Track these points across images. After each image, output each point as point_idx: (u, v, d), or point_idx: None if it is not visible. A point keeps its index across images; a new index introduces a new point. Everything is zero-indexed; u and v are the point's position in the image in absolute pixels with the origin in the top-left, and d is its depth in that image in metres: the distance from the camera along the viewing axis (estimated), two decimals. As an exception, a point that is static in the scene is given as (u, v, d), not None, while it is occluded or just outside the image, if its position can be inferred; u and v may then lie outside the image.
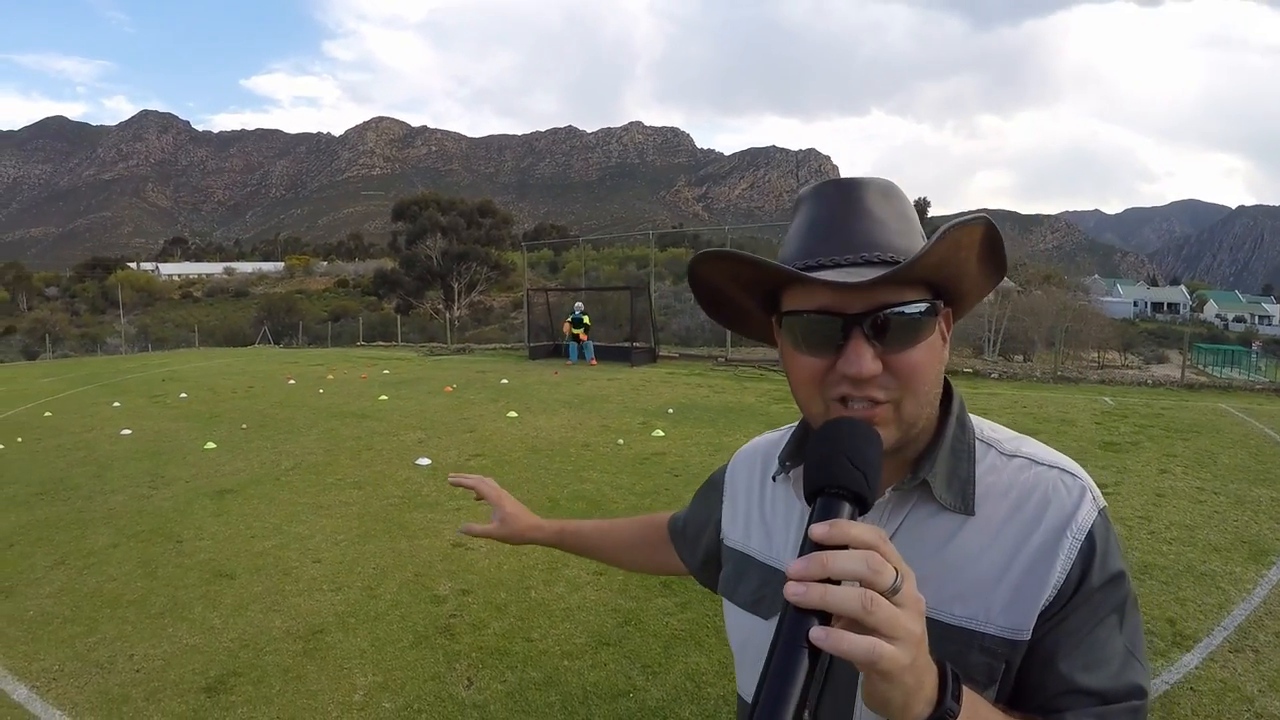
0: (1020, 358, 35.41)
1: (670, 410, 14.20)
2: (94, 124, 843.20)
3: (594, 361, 24.16)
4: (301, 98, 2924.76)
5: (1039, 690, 1.00)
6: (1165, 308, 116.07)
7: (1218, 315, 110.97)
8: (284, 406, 16.24)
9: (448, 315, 51.11)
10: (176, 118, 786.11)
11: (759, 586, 1.21)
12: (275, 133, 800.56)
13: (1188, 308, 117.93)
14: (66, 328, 72.35)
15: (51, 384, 24.12)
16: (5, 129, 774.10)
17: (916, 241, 1.02)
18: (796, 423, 1.24)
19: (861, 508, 0.84)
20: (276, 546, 7.02)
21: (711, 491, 1.46)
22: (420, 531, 7.35)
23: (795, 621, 0.75)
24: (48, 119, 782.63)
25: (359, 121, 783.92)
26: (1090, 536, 1.01)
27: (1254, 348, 47.33)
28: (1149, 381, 18.99)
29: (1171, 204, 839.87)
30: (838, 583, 0.74)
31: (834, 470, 0.85)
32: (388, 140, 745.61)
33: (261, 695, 4.42)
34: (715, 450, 10.59)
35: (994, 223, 0.99)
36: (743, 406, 14.79)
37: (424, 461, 10.21)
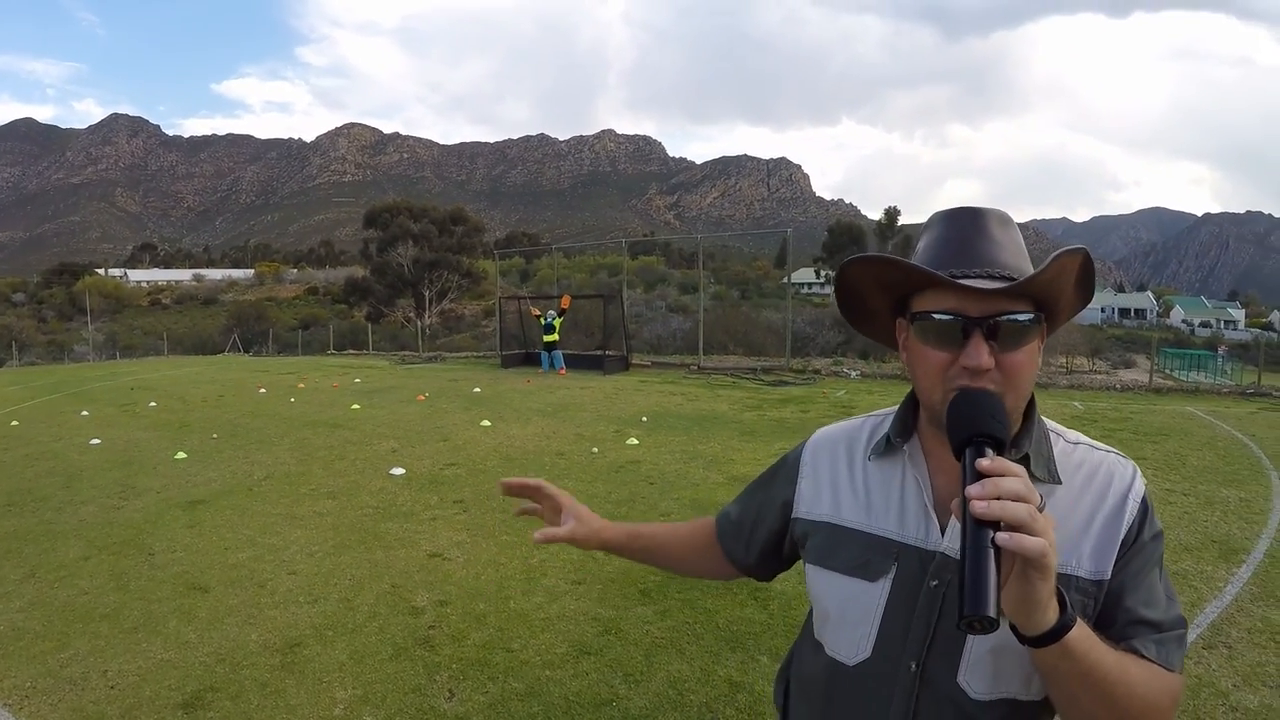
0: (991, 364, 35.64)
1: (644, 418, 14.21)
2: (63, 127, 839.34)
3: (563, 371, 24.09)
4: (273, 103, 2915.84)
5: (1111, 623, 1.22)
6: (1133, 313, 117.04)
7: (1184, 320, 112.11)
8: (255, 416, 16.11)
9: (419, 323, 50.99)
10: (147, 121, 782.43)
11: (862, 552, 1.38)
12: (246, 138, 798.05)
13: (1154, 313, 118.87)
14: (33, 334, 71.71)
15: (18, 392, 23.87)
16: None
17: (1026, 263, 1.26)
18: (875, 413, 1.54)
19: (999, 452, 1.07)
20: (251, 558, 6.94)
21: (781, 475, 1.61)
22: (396, 542, 7.28)
23: (978, 531, 0.97)
24: (16, 121, 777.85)
25: (331, 127, 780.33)
26: (1144, 501, 1.29)
27: (1220, 352, 47.88)
28: (1117, 386, 19.22)
29: (1138, 212, 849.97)
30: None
31: (981, 423, 1.10)
32: (359, 147, 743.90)
33: (240, 710, 4.36)
34: (690, 458, 10.60)
35: (1090, 253, 1.23)
36: (716, 414, 14.81)
37: (398, 471, 10.14)
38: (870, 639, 1.33)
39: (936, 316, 1.22)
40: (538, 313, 25.51)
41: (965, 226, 1.28)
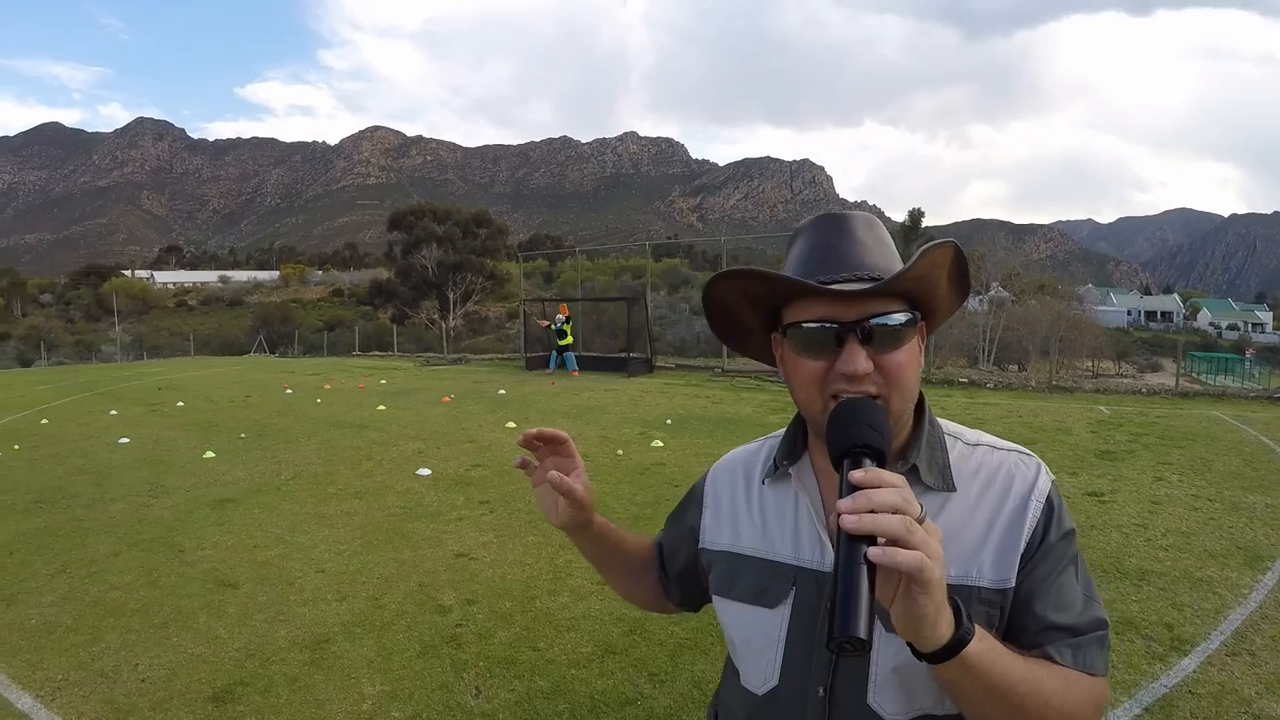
0: (1015, 367, 35.38)
1: (668, 421, 14.19)
2: (89, 131, 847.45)
3: (575, 372, 23.98)
4: (297, 106, 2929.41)
5: (1022, 631, 1.20)
6: (1159, 316, 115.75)
7: (1211, 323, 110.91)
8: (282, 416, 16.23)
9: (443, 325, 51.10)
10: (172, 125, 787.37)
11: (760, 579, 1.35)
12: (271, 141, 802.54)
13: (1181, 316, 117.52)
14: (61, 335, 72.41)
15: (47, 391, 24.09)
16: (1, 135, 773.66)
17: (895, 263, 1.24)
18: (774, 434, 1.49)
19: (879, 462, 1.03)
20: (279, 556, 7.01)
21: (690, 506, 1.61)
22: (423, 542, 7.34)
23: (850, 547, 0.92)
24: (43, 125, 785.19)
25: (354, 131, 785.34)
26: (1049, 500, 1.25)
27: (1247, 355, 47.49)
28: (1143, 390, 19.02)
29: (1164, 213, 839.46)
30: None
31: (858, 433, 1.05)
32: (383, 150, 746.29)
33: (270, 705, 4.41)
34: (714, 460, 10.55)
35: (961, 247, 1.23)
36: (740, 417, 14.78)
37: (424, 472, 10.19)
38: (776, 666, 1.31)
39: (808, 325, 1.19)
40: (546, 322, 25.56)
41: (830, 232, 1.26)
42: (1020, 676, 1.07)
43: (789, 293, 1.24)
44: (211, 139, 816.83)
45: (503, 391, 19.76)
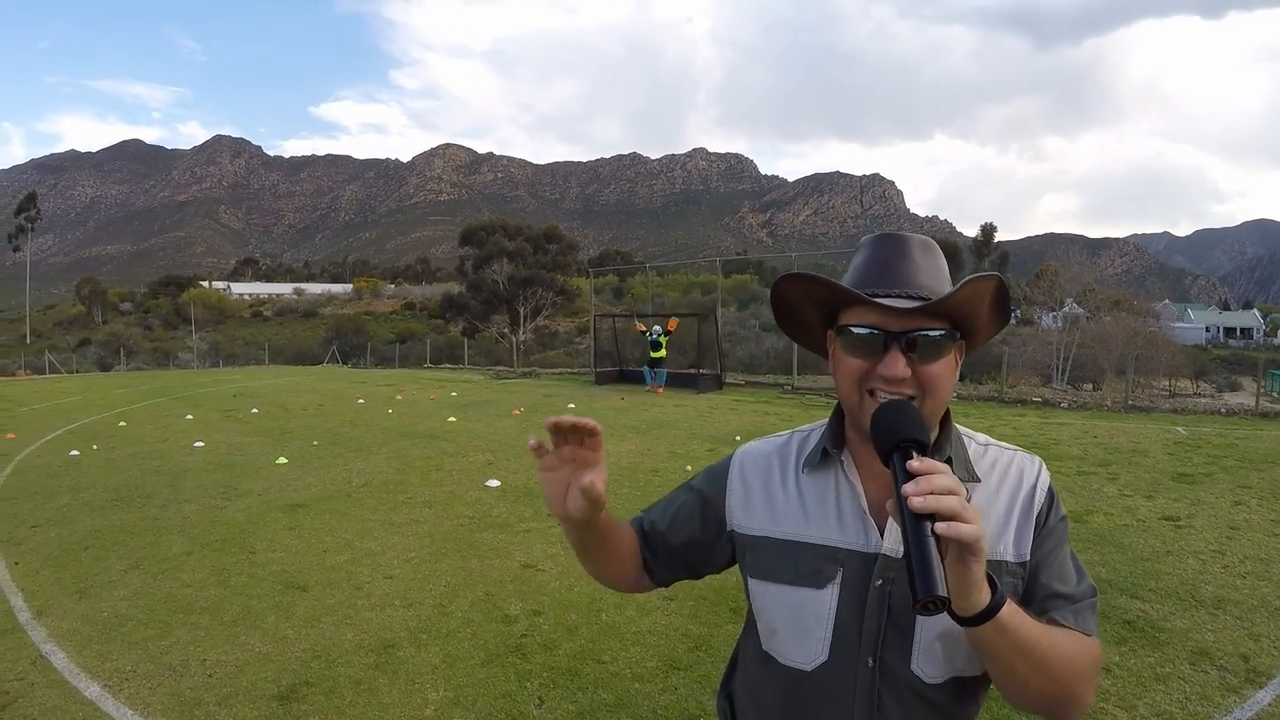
0: (1090, 386, 34.75)
1: (737, 438, 13.96)
2: (169, 148, 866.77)
3: (660, 390, 23.82)
4: (369, 124, 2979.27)
5: (1030, 599, 1.37)
6: (1239, 333, 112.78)
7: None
8: (354, 425, 16.40)
9: (513, 339, 51.45)
10: (248, 142, 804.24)
11: (807, 561, 1.45)
12: (345, 158, 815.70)
13: (1262, 332, 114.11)
14: (140, 341, 74.16)
15: (125, 395, 24.71)
16: (84, 150, 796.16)
17: (944, 285, 1.39)
18: (800, 429, 1.65)
19: (923, 453, 1.18)
20: (348, 561, 7.03)
21: (708, 488, 1.66)
22: (491, 552, 7.31)
23: (917, 523, 1.07)
24: (124, 142, 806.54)
25: (426, 148, 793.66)
26: (1050, 491, 1.45)
27: (1330, 373, 46.03)
28: (1222, 410, 18.49)
29: (1243, 224, 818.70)
30: None
31: (904, 429, 1.21)
32: (454, 166, 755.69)
33: (333, 705, 4.39)
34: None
35: (1004, 280, 1.37)
36: (812, 433, 14.53)
37: (493, 483, 10.19)
38: (826, 642, 1.42)
39: (858, 330, 1.35)
40: (643, 328, 25.46)
41: (890, 251, 1.40)
42: (1040, 635, 1.24)
43: (845, 300, 1.38)
44: (287, 156, 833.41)
45: (572, 405, 19.79)
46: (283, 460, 11.89)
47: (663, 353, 24.47)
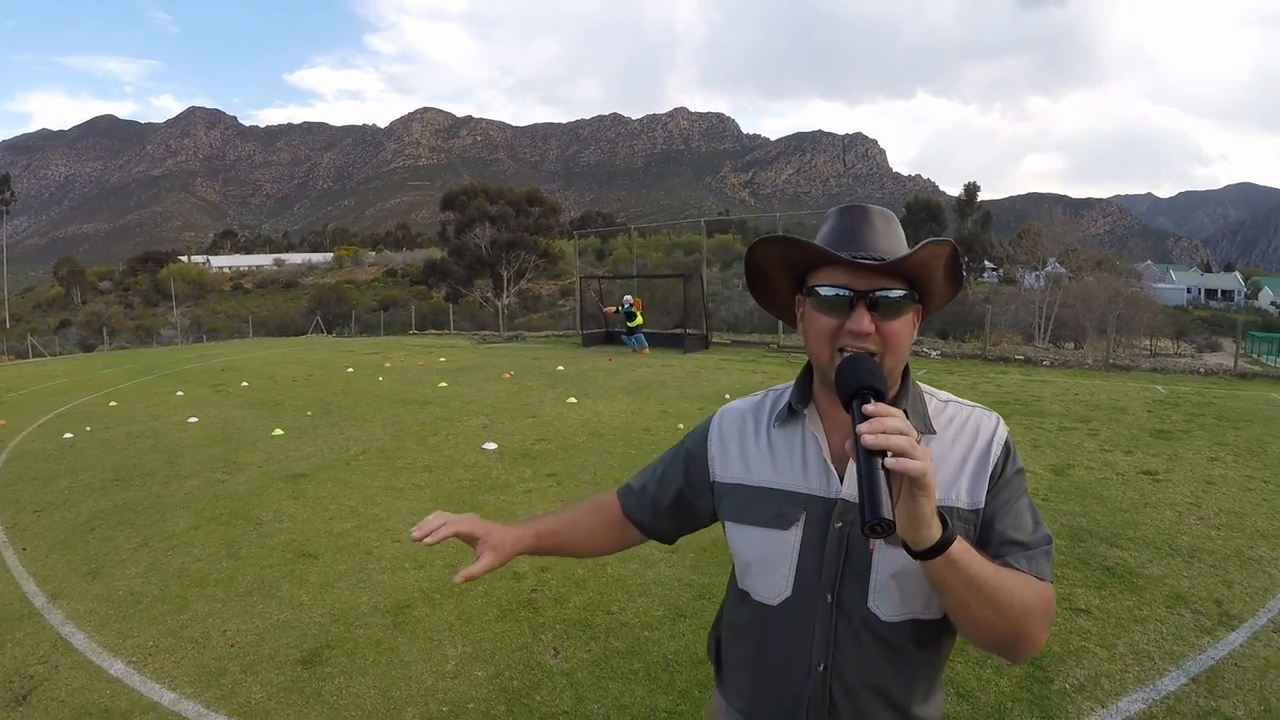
0: (1072, 345, 34.97)
1: (727, 396, 14.18)
2: (142, 122, 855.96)
3: (645, 351, 23.90)
4: (345, 91, 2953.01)
5: (986, 545, 1.47)
6: (1219, 294, 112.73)
7: (1273, 303, 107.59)
8: (345, 394, 16.49)
9: (498, 303, 51.42)
10: (223, 113, 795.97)
11: (775, 506, 1.61)
12: (321, 125, 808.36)
13: (1242, 295, 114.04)
14: (121, 320, 73.58)
15: (112, 374, 24.61)
16: (56, 129, 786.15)
17: (902, 251, 1.49)
18: (774, 388, 1.79)
19: (880, 399, 1.30)
20: (355, 528, 7.17)
21: (691, 446, 1.85)
22: (493, 513, 7.42)
23: (869, 458, 1.20)
24: (97, 118, 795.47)
25: (404, 113, 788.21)
26: (1006, 444, 1.56)
27: (1310, 336, 46.33)
28: (1201, 370, 18.62)
29: (1226, 187, 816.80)
30: None
31: (864, 378, 1.34)
32: (433, 131, 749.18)
33: (357, 666, 4.55)
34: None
35: (957, 246, 1.52)
36: (799, 391, 14.67)
37: (490, 446, 10.32)
38: (790, 579, 1.58)
39: (826, 290, 1.48)
40: (614, 309, 25.50)
41: (854, 219, 1.53)
42: (991, 573, 1.35)
43: (817, 259, 1.51)
44: (263, 126, 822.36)
45: (561, 368, 19.93)
46: (279, 432, 11.98)
47: (638, 319, 24.49)
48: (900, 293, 1.46)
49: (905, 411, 1.44)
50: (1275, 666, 4.31)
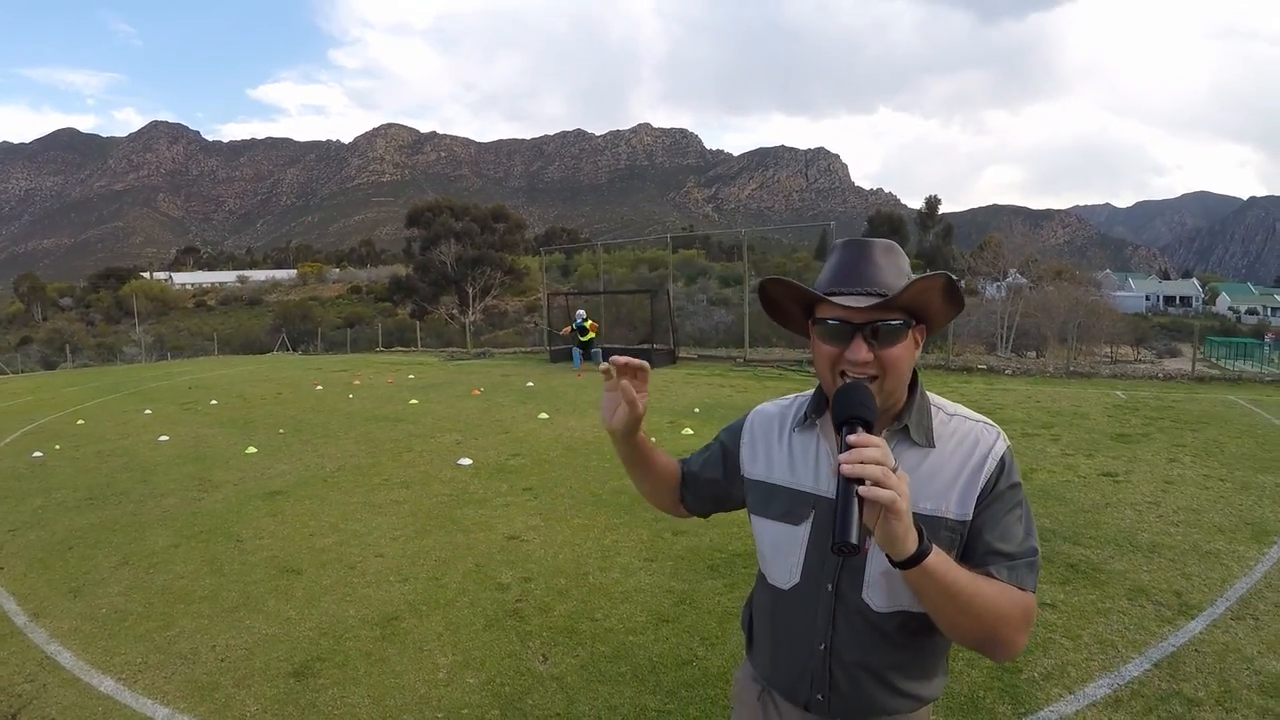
0: (1033, 354, 35.47)
1: (696, 410, 14.35)
2: (104, 135, 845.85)
3: (580, 373, 23.04)
4: (309, 106, 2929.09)
5: (973, 553, 1.64)
6: (1178, 301, 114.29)
7: (1230, 308, 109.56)
8: (316, 411, 16.49)
9: (464, 320, 51.39)
10: (186, 128, 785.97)
11: (788, 503, 1.84)
12: (285, 141, 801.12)
13: (1200, 301, 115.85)
14: (83, 337, 72.84)
15: (77, 393, 24.40)
16: (16, 142, 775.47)
17: (903, 281, 1.63)
18: (804, 394, 1.95)
19: (868, 429, 1.46)
20: (337, 543, 7.24)
21: (728, 441, 2.07)
22: (474, 526, 7.58)
23: (846, 485, 1.35)
24: (58, 131, 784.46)
25: (368, 129, 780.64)
26: (1002, 459, 1.69)
27: (1266, 339, 47.09)
28: (1160, 375, 19.00)
29: (1183, 196, 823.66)
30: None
31: (855, 408, 1.50)
32: (397, 147, 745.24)
33: (349, 677, 4.64)
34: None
35: (953, 278, 1.64)
36: (767, 404, 14.81)
37: (465, 461, 10.41)
38: (798, 568, 1.80)
39: (829, 321, 1.64)
40: (569, 329, 25.41)
41: (854, 255, 1.68)
42: (966, 582, 1.49)
43: (815, 300, 1.69)
44: (226, 140, 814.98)
45: (531, 384, 20.00)
46: (252, 450, 11.99)
47: (590, 335, 24.13)
48: (898, 322, 1.61)
49: (908, 426, 1.71)
50: (1233, 651, 4.55)
